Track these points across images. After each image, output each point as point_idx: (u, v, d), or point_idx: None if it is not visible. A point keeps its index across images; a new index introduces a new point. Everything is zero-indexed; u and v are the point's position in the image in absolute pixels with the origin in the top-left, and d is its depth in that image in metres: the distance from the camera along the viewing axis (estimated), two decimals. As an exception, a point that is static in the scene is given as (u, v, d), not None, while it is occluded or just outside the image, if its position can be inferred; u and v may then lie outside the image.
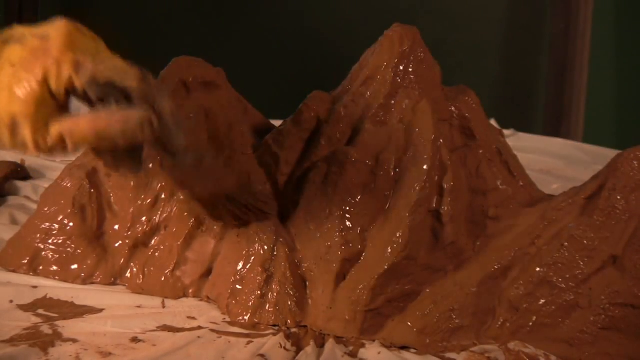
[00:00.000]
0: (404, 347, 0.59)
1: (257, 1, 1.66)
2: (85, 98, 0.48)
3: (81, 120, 0.47)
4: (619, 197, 0.59)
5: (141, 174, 0.67)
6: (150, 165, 0.62)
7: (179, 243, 0.65)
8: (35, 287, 0.62)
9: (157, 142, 0.51)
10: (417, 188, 0.60)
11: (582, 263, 0.59)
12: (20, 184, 0.86)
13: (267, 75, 1.63)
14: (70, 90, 0.47)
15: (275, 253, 0.62)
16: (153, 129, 0.49)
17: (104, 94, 0.48)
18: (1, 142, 0.48)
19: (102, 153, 0.51)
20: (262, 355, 0.55)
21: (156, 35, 1.64)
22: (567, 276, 0.59)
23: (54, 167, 0.93)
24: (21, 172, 0.89)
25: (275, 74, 1.64)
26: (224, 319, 0.61)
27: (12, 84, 0.46)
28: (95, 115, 0.47)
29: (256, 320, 0.60)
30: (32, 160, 0.94)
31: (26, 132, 0.47)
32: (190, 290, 0.64)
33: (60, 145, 0.47)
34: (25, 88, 0.46)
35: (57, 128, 0.47)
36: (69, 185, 0.67)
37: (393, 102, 0.64)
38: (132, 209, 0.66)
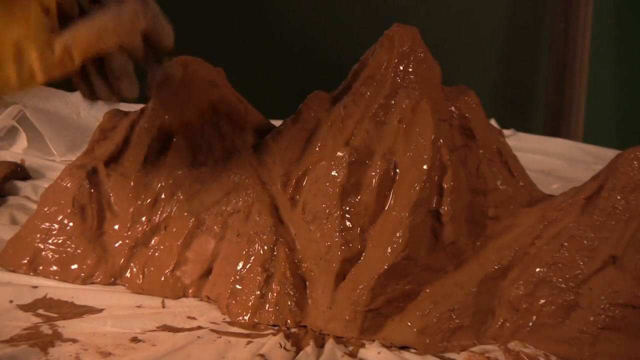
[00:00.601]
0: (404, 347, 0.59)
1: (257, 1, 1.66)
2: (77, 6, 0.48)
3: (80, 27, 0.47)
4: (618, 197, 0.59)
5: (142, 173, 0.67)
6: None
7: (179, 243, 0.65)
8: (35, 287, 0.62)
9: (150, 42, 0.51)
10: (417, 188, 0.60)
11: (582, 263, 0.59)
12: (20, 184, 0.86)
13: (267, 75, 1.63)
14: (61, 2, 0.47)
15: (275, 253, 0.62)
16: (146, 18, 0.49)
17: None
18: (9, 82, 0.47)
19: (94, 80, 0.51)
20: (262, 355, 0.55)
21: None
22: (567, 276, 0.59)
23: (54, 167, 0.93)
24: (21, 172, 0.89)
25: (275, 74, 1.64)
26: (224, 319, 0.61)
27: (6, 14, 0.46)
28: (91, 18, 0.47)
29: (256, 320, 0.60)
30: (32, 160, 0.94)
31: (32, 55, 0.46)
32: (190, 290, 0.64)
33: (68, 59, 0.47)
34: (20, 11, 0.46)
35: (60, 42, 0.46)
36: (68, 185, 0.67)
37: (393, 102, 0.64)
38: (132, 209, 0.66)
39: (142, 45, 0.51)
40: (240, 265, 0.62)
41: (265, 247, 0.62)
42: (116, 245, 0.66)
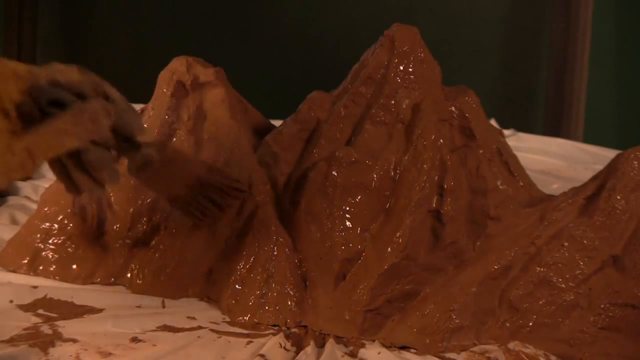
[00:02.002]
0: (404, 347, 0.59)
1: (257, 1, 1.66)
2: (37, 109, 0.46)
3: (40, 130, 0.46)
4: (618, 197, 0.59)
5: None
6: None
7: (179, 243, 0.65)
8: (35, 287, 0.62)
9: (120, 135, 0.51)
10: (417, 188, 0.60)
11: (582, 263, 0.59)
12: (20, 184, 0.86)
13: (267, 75, 1.63)
14: (20, 105, 0.45)
15: (276, 253, 0.62)
16: (110, 116, 0.49)
17: (53, 96, 0.47)
18: None
19: (73, 174, 0.50)
20: (262, 355, 0.55)
21: (156, 35, 1.64)
22: (567, 276, 0.59)
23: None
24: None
25: (275, 74, 1.64)
26: (224, 319, 0.61)
27: None
28: (52, 120, 0.46)
29: (256, 320, 0.60)
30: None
31: None
32: (190, 290, 0.64)
33: (29, 162, 0.45)
34: None
35: (20, 145, 0.45)
36: (69, 185, 0.67)
37: (393, 102, 0.64)
38: (132, 209, 0.66)
39: (111, 138, 0.50)
40: (241, 265, 0.62)
41: (266, 248, 0.62)
42: (116, 245, 0.66)
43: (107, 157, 0.50)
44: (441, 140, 0.62)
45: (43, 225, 0.66)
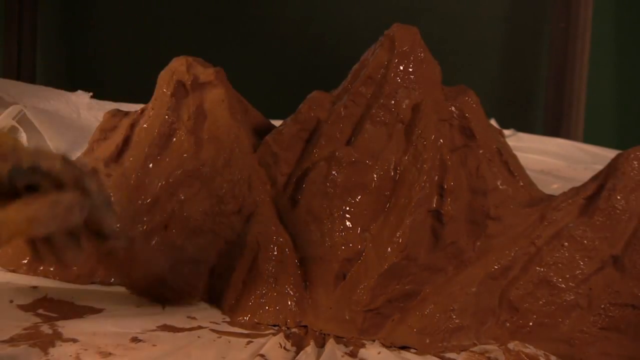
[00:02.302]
0: (404, 347, 0.59)
1: (258, 1, 1.66)
2: (12, 189, 0.47)
3: (9, 210, 0.46)
4: (618, 197, 0.59)
5: (142, 173, 0.67)
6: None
7: (179, 243, 0.65)
8: (35, 287, 0.62)
9: (89, 227, 0.51)
10: (417, 188, 0.60)
11: (582, 263, 0.59)
12: (20, 183, 0.86)
13: (267, 75, 1.63)
14: None
15: (276, 253, 0.62)
16: (83, 210, 0.49)
17: (30, 181, 0.47)
18: None
19: (39, 246, 0.50)
20: (262, 355, 0.55)
21: (157, 35, 1.64)
22: (567, 276, 0.59)
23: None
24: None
25: (276, 74, 1.64)
26: (224, 319, 0.61)
27: None
28: (24, 202, 0.46)
29: (256, 320, 0.60)
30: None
31: None
32: (190, 290, 0.64)
33: None
34: None
35: None
36: (69, 185, 0.67)
37: (393, 102, 0.64)
38: (132, 209, 0.66)
39: (80, 228, 0.51)
40: (241, 265, 0.62)
41: (266, 247, 0.62)
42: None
43: (73, 241, 0.51)
44: (441, 140, 0.62)
45: (43, 225, 0.66)
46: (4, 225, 0.45)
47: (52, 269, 0.65)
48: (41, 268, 0.65)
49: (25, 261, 0.66)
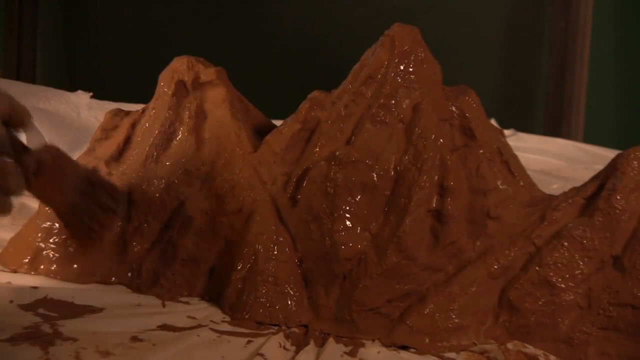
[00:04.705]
0: (403, 347, 0.59)
1: (258, 1, 1.66)
2: None
3: None
4: (618, 197, 0.59)
5: (143, 172, 0.67)
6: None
7: (179, 242, 0.65)
8: (35, 287, 0.62)
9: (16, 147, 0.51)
10: (417, 188, 0.60)
11: (581, 263, 0.59)
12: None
13: (268, 75, 1.63)
14: None
15: (276, 252, 0.62)
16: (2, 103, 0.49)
17: None
18: None
19: None
20: (261, 355, 0.55)
21: (158, 35, 1.64)
22: (567, 276, 0.59)
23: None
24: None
25: (276, 74, 1.64)
26: (224, 318, 0.61)
27: None
28: None
29: (256, 320, 0.60)
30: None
31: None
32: (191, 290, 0.64)
33: None
34: None
35: None
36: (69, 184, 0.67)
37: (393, 101, 0.64)
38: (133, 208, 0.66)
39: (4, 134, 0.50)
40: (241, 265, 0.62)
41: (266, 247, 0.62)
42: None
43: (10, 164, 0.50)
44: (441, 140, 0.62)
45: (44, 225, 0.66)
46: None
47: (53, 268, 0.65)
48: (42, 267, 0.65)
49: (27, 260, 0.66)
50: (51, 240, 0.66)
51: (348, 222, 0.61)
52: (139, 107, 0.72)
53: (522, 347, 0.58)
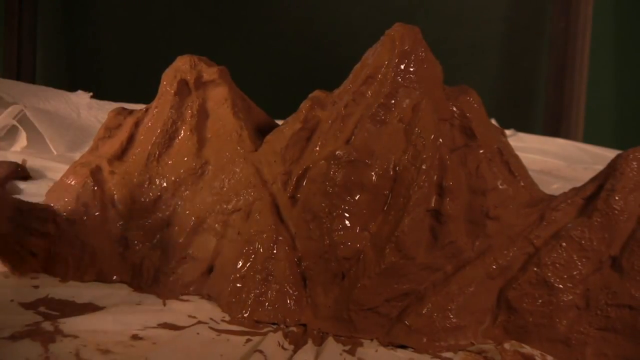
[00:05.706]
0: (401, 346, 0.59)
1: (259, 1, 1.66)
2: None
3: None
4: (617, 198, 0.59)
5: (145, 171, 0.67)
6: None
7: (180, 241, 0.65)
8: (36, 287, 0.63)
9: None
10: (416, 187, 0.60)
11: (579, 263, 0.59)
12: (22, 184, 0.86)
13: (269, 74, 1.63)
14: None
15: (275, 252, 0.62)
16: None
17: None
18: None
19: None
20: (260, 351, 0.55)
21: (159, 35, 1.64)
22: (565, 277, 0.59)
23: (55, 167, 0.93)
24: (21, 172, 0.89)
25: (277, 74, 1.64)
26: (224, 317, 0.61)
27: None
28: None
29: (255, 319, 0.60)
30: (32, 160, 0.94)
31: None
32: (191, 288, 0.65)
33: None
34: None
35: None
36: (73, 182, 0.67)
37: (393, 101, 0.64)
38: (133, 207, 0.66)
39: None
40: (240, 263, 0.62)
41: (265, 246, 0.62)
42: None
43: None
44: (441, 140, 0.62)
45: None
46: None
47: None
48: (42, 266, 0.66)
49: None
50: (52, 239, 0.66)
51: (347, 222, 0.61)
52: (139, 107, 0.72)
53: (519, 347, 0.59)
